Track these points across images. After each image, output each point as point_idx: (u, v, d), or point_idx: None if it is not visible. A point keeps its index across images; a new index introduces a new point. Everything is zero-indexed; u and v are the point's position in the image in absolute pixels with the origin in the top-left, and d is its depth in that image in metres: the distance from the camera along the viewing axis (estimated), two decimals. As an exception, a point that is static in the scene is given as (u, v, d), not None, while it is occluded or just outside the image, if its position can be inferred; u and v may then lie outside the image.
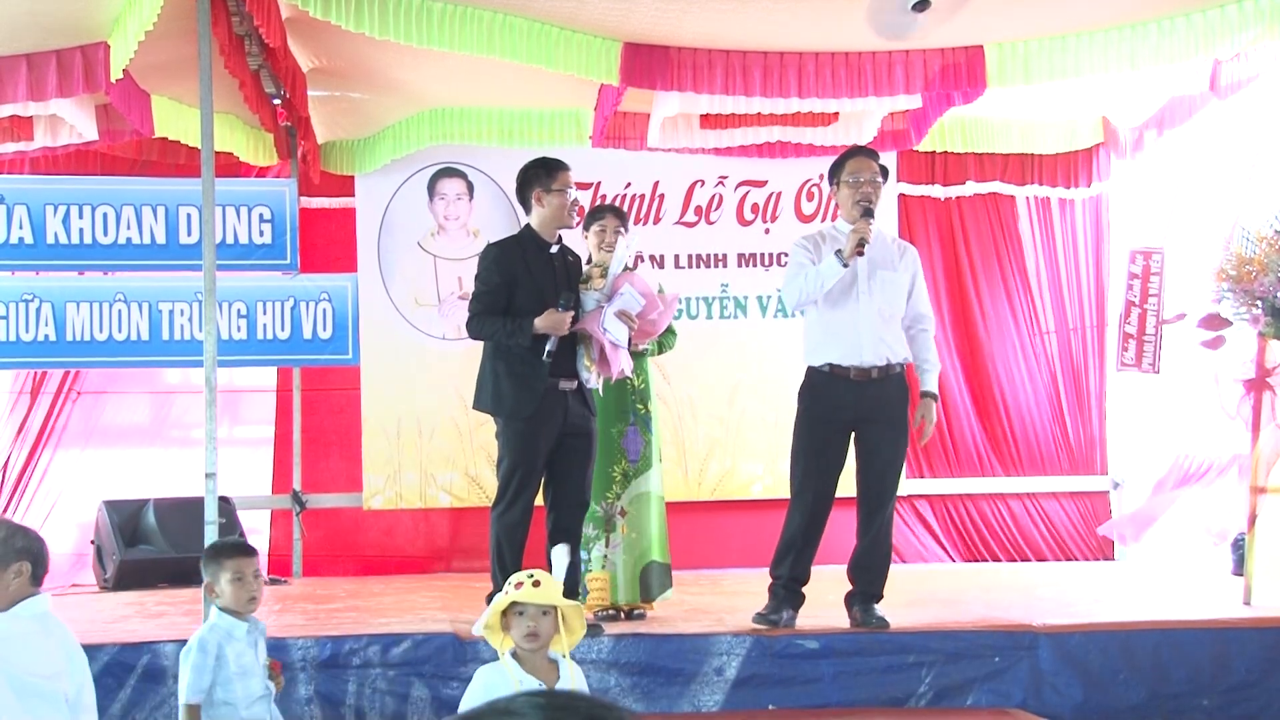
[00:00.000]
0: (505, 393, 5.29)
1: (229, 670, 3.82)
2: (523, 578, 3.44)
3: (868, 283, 5.40)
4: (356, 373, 8.14)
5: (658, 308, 5.57)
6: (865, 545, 5.43)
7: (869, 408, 5.36)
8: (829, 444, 5.41)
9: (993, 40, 6.36)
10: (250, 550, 4.08)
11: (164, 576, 7.38)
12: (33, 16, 5.63)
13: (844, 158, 5.55)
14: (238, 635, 3.87)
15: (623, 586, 5.78)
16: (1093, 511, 8.59)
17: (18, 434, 8.10)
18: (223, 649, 3.83)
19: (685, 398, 8.22)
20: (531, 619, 3.41)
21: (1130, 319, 7.64)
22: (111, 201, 7.63)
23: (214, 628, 3.87)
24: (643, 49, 6.28)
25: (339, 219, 8.41)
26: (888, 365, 5.38)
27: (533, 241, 5.38)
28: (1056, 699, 5.24)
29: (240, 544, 4.16)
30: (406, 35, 5.66)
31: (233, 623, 3.89)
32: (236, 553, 4.02)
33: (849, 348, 5.37)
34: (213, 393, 5.18)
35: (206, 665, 3.80)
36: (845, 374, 5.37)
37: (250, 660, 3.88)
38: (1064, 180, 8.65)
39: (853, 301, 5.39)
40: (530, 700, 1.24)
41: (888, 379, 5.39)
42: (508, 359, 5.30)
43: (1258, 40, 6.08)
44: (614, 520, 5.79)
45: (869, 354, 5.36)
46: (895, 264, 5.47)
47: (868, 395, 5.36)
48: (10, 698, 3.20)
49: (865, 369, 5.36)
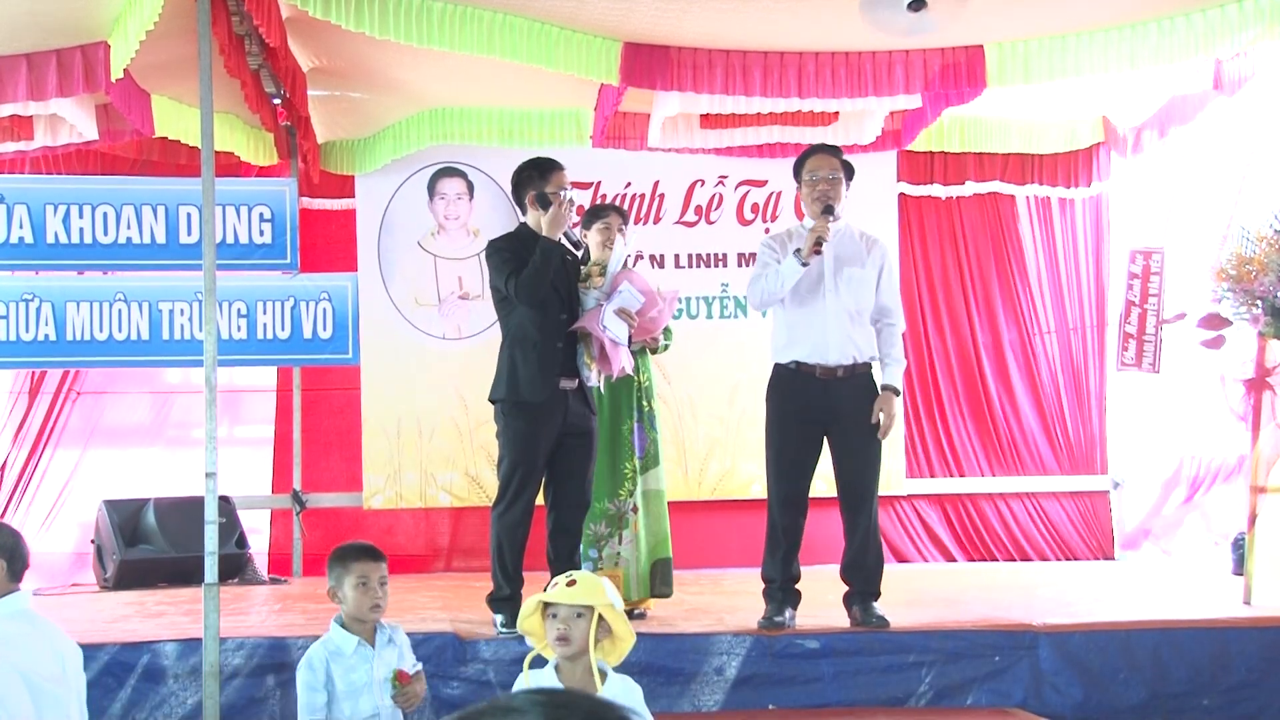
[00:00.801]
0: (521, 379, 5.29)
1: (336, 690, 3.66)
2: (560, 578, 3.22)
3: (834, 280, 5.37)
4: (356, 372, 8.14)
5: (657, 305, 5.57)
6: (854, 547, 5.41)
7: (838, 407, 5.34)
8: (799, 442, 5.40)
9: (993, 40, 6.36)
10: (377, 555, 3.85)
11: (164, 576, 7.39)
12: (33, 16, 5.63)
13: (804, 155, 5.54)
14: (346, 651, 3.70)
15: (634, 584, 5.78)
16: (1093, 511, 8.59)
17: (17, 434, 8.10)
18: (330, 668, 3.67)
19: (685, 397, 8.22)
20: (563, 621, 3.16)
21: (1130, 319, 7.64)
22: (111, 201, 7.62)
23: (323, 643, 3.73)
24: (643, 49, 6.27)
25: (339, 219, 8.41)
26: (854, 364, 5.36)
27: (532, 239, 5.38)
28: (1056, 698, 5.24)
29: (367, 548, 3.91)
30: (406, 35, 5.66)
31: (343, 638, 3.72)
32: (363, 556, 3.80)
33: (815, 346, 5.35)
34: (213, 392, 5.18)
35: (316, 683, 3.64)
36: (811, 371, 5.35)
37: (361, 677, 3.68)
38: (1064, 180, 8.65)
39: (819, 300, 5.36)
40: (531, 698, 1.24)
41: (854, 377, 5.37)
42: (524, 347, 5.31)
43: (1258, 40, 6.07)
44: (626, 517, 5.79)
45: (835, 352, 5.34)
46: (863, 260, 5.43)
47: (835, 394, 5.34)
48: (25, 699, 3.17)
49: (831, 368, 5.34)
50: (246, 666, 5.20)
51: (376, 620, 3.76)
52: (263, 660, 5.20)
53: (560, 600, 3.14)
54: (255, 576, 7.67)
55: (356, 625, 3.75)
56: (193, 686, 5.12)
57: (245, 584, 7.50)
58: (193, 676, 5.12)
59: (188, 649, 5.17)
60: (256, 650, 5.22)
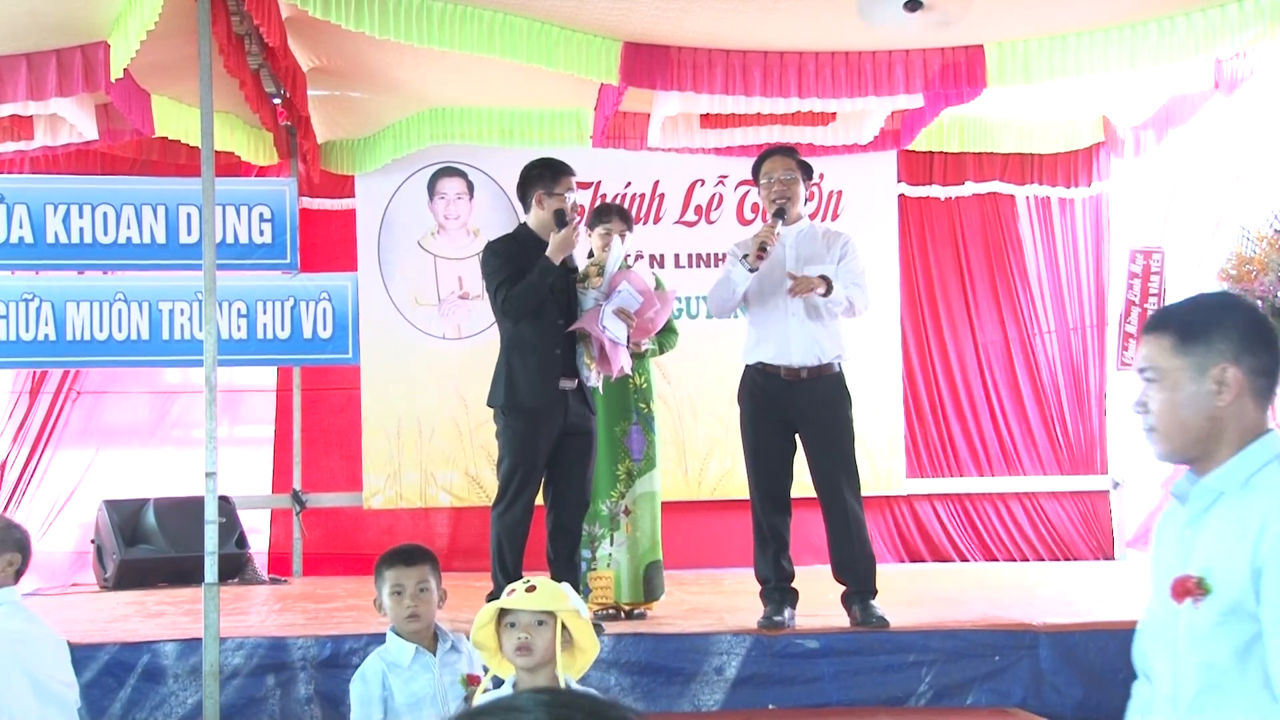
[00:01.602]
0: (519, 384, 5.29)
1: (395, 703, 3.42)
2: (519, 584, 2.97)
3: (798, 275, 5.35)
4: (356, 372, 8.14)
5: (655, 305, 5.57)
6: (839, 547, 5.42)
7: (805, 407, 5.37)
8: (772, 441, 5.42)
9: (993, 40, 6.36)
10: (413, 558, 3.55)
11: (164, 576, 7.39)
12: (33, 16, 5.63)
13: (761, 158, 5.57)
14: (403, 663, 3.45)
15: (625, 586, 5.79)
16: (1093, 511, 8.59)
17: (17, 434, 8.10)
18: (387, 680, 3.42)
19: (685, 397, 8.22)
20: (524, 630, 2.91)
21: (1130, 318, 7.65)
22: (111, 201, 7.63)
23: (379, 654, 3.50)
24: (643, 49, 6.28)
25: (339, 218, 8.41)
26: (819, 364, 5.37)
27: (531, 239, 5.37)
28: (1056, 698, 5.24)
29: (403, 552, 3.61)
30: (406, 35, 5.66)
31: (400, 648, 3.47)
32: (395, 562, 3.52)
33: (778, 347, 5.38)
34: (213, 392, 5.18)
35: (370, 696, 3.41)
36: (776, 372, 5.38)
37: (423, 688, 3.43)
38: (1064, 180, 8.65)
39: (781, 301, 5.37)
40: (534, 698, 1.25)
41: (820, 379, 5.38)
42: (522, 352, 5.30)
43: (1258, 39, 6.08)
44: (618, 519, 5.80)
45: (798, 354, 5.36)
46: (824, 258, 5.43)
47: (802, 395, 5.36)
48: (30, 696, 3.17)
49: (795, 369, 5.36)
50: (246, 666, 5.20)
51: (414, 630, 3.50)
52: (262, 660, 5.21)
53: (521, 607, 2.90)
54: (255, 576, 7.67)
55: (411, 634, 3.51)
56: (193, 686, 5.13)
57: (245, 584, 7.50)
58: (193, 676, 5.12)
59: (188, 649, 5.17)
60: (256, 650, 5.23)
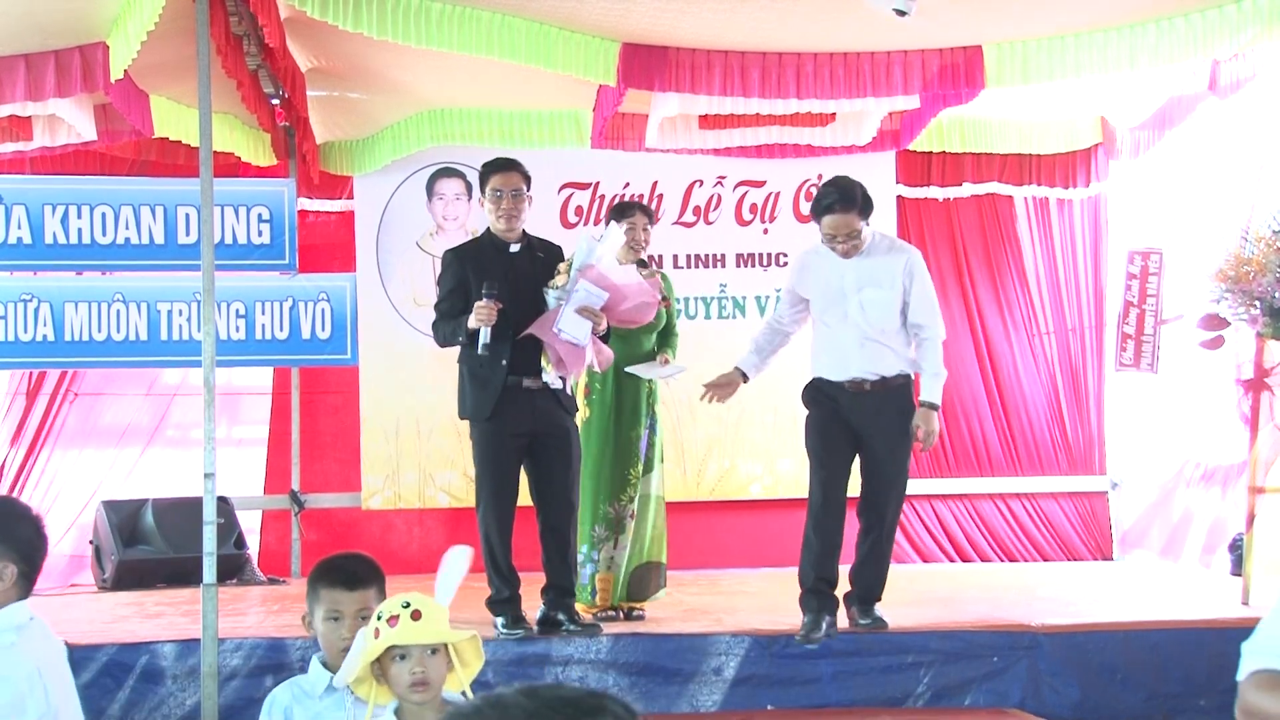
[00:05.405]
0: (468, 394, 5.37)
1: None
2: (396, 608, 2.63)
3: (856, 299, 5.33)
4: (355, 373, 8.13)
5: (626, 299, 5.33)
6: (863, 555, 5.41)
7: (868, 418, 5.33)
8: (833, 444, 5.39)
9: (991, 40, 6.36)
10: (355, 580, 3.01)
11: (162, 577, 7.39)
12: (32, 17, 5.63)
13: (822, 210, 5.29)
14: (315, 693, 2.96)
15: (619, 586, 5.79)
16: (1091, 512, 8.58)
17: (16, 434, 8.09)
18: (291, 712, 2.96)
19: (685, 397, 8.20)
20: (418, 663, 2.62)
21: (1129, 319, 7.64)
22: (110, 201, 7.62)
23: (292, 681, 3.04)
24: (641, 49, 6.27)
25: (337, 219, 8.41)
26: (881, 379, 5.34)
27: (490, 244, 5.39)
28: (1055, 699, 5.24)
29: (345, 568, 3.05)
30: (405, 35, 5.65)
31: (317, 676, 2.98)
32: (335, 582, 2.99)
33: (836, 364, 5.38)
34: (211, 393, 5.18)
35: None
36: (840, 385, 5.38)
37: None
38: (1062, 180, 8.64)
39: (839, 321, 5.38)
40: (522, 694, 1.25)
41: (886, 390, 5.35)
42: (469, 362, 5.35)
43: (1256, 40, 6.07)
44: (624, 523, 5.79)
45: (855, 370, 5.35)
46: (882, 281, 5.35)
47: (865, 405, 5.33)
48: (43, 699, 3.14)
49: (858, 381, 5.35)
50: (245, 667, 5.20)
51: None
52: (261, 661, 5.21)
53: (412, 641, 2.62)
54: (253, 577, 7.67)
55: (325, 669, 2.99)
56: (191, 687, 5.13)
57: (244, 584, 7.50)
58: (191, 677, 5.12)
59: (186, 650, 5.17)
60: (255, 651, 5.23)
